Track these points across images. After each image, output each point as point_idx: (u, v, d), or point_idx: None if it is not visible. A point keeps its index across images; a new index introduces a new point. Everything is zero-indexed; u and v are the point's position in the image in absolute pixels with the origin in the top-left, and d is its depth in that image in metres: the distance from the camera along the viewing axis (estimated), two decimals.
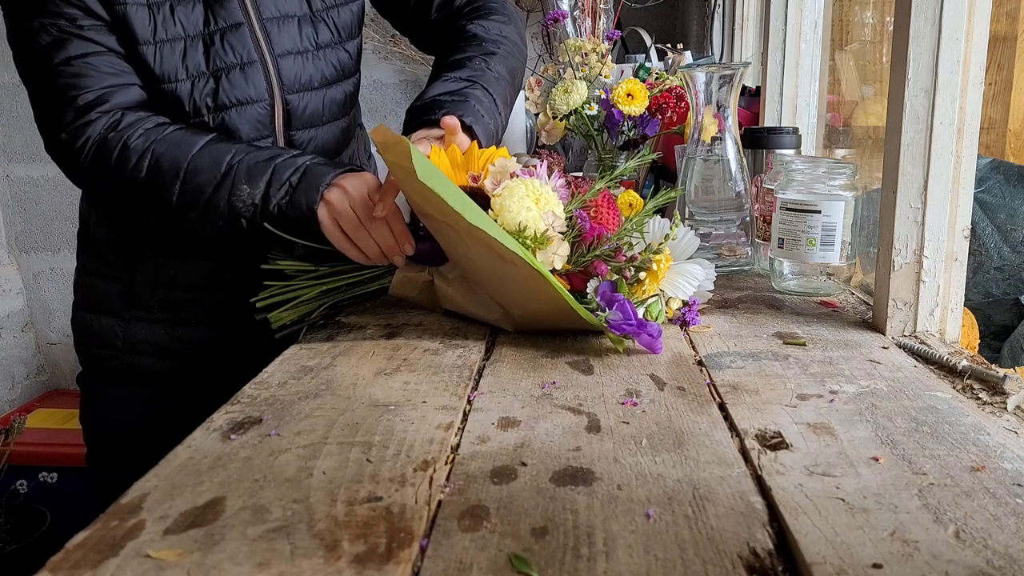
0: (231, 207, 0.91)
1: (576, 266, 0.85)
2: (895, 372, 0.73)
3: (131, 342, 1.04)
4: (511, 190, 0.82)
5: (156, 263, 1.02)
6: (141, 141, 0.91)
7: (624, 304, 0.78)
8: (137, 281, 1.02)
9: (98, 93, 0.90)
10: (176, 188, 0.90)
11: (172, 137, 0.91)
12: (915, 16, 0.78)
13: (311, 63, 1.04)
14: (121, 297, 1.03)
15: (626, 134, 1.50)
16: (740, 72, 1.14)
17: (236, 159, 0.91)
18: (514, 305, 0.84)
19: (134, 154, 0.90)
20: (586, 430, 0.61)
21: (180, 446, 0.59)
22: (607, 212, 0.89)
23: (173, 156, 0.90)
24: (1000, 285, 1.24)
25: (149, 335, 1.04)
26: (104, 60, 0.91)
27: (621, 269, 0.83)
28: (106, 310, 1.04)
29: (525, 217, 0.81)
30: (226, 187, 0.90)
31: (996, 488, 0.51)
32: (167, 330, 1.04)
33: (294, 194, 0.90)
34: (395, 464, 0.55)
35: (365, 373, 0.75)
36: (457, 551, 0.45)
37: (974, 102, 0.80)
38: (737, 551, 0.44)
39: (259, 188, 0.90)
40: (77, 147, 0.90)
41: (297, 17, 1.02)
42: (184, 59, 0.94)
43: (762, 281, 1.11)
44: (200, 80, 0.95)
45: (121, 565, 0.43)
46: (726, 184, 1.15)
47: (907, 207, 0.82)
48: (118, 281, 1.03)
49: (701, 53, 2.15)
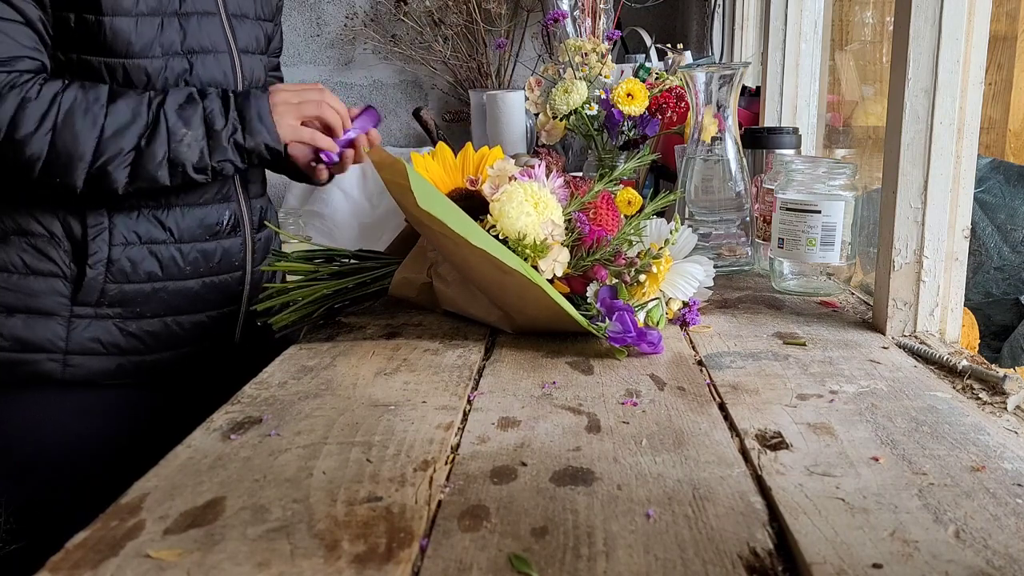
0: (175, 153, 0.89)
1: (576, 270, 0.85)
2: (895, 372, 0.73)
3: (78, 342, 0.95)
4: (510, 195, 0.82)
5: (109, 255, 0.94)
6: (44, 95, 0.85)
7: (624, 315, 0.78)
8: (87, 275, 0.93)
9: (4, 58, 0.85)
10: (91, 142, 0.86)
11: (75, 91, 0.86)
12: (915, 16, 0.78)
13: (259, 63, 1.07)
14: (62, 294, 0.94)
15: (626, 134, 1.50)
16: (740, 72, 1.14)
17: (155, 105, 0.89)
18: (514, 310, 0.84)
19: (36, 108, 0.84)
20: (586, 430, 0.61)
21: (180, 446, 0.59)
22: (607, 213, 0.89)
23: (84, 109, 0.86)
24: (1000, 285, 1.24)
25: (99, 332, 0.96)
26: (19, 29, 0.87)
27: (621, 273, 0.83)
28: (38, 310, 0.93)
29: (524, 224, 0.80)
30: (160, 135, 0.88)
31: (996, 488, 0.51)
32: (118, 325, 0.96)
33: (246, 125, 0.92)
34: (395, 464, 0.55)
35: (365, 373, 0.75)
36: (457, 551, 0.45)
37: (974, 102, 0.80)
38: (737, 551, 0.44)
39: (199, 129, 0.90)
40: None
41: (250, 18, 1.05)
42: (160, 35, 0.92)
43: (762, 281, 1.11)
44: (173, 59, 0.94)
45: (121, 565, 0.43)
46: (726, 184, 1.15)
47: (907, 207, 0.82)
48: (58, 277, 0.94)
49: (701, 53, 2.15)
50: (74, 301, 0.94)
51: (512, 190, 0.82)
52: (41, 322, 0.93)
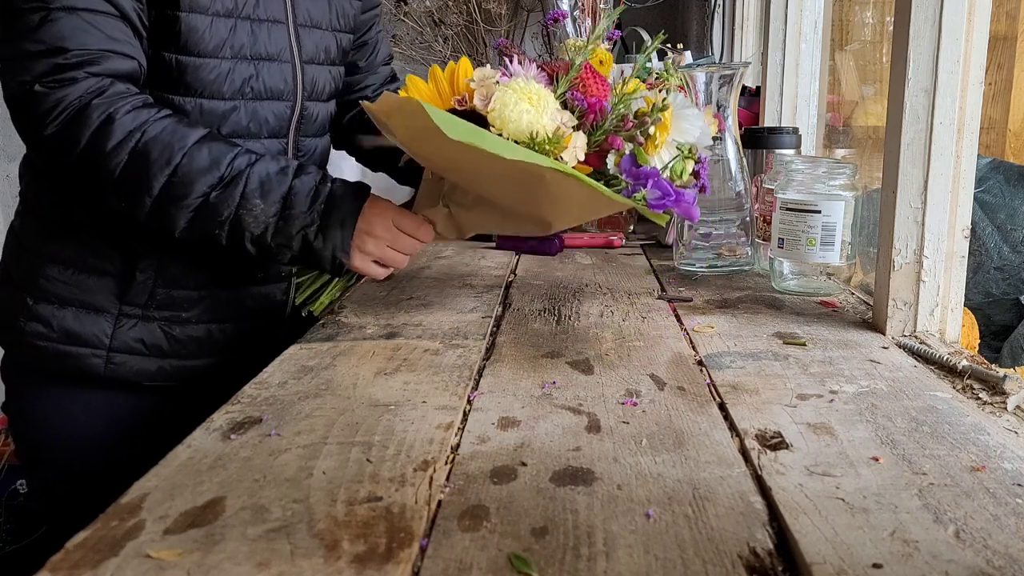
0: (237, 218, 0.85)
1: (589, 148, 0.83)
2: (895, 372, 0.73)
3: (122, 340, 0.95)
4: (503, 101, 0.80)
5: (160, 261, 0.95)
6: (130, 118, 0.83)
7: (658, 180, 0.77)
8: (137, 278, 0.94)
9: (92, 54, 0.82)
10: (162, 179, 0.83)
11: (165, 123, 0.84)
12: (915, 16, 0.78)
13: (326, 73, 1.05)
14: (112, 293, 0.94)
15: None
16: (740, 72, 1.14)
17: (239, 163, 0.86)
18: (549, 212, 0.84)
19: (119, 130, 0.82)
20: (586, 430, 0.61)
21: (180, 446, 0.59)
22: (594, 84, 0.87)
23: (166, 143, 0.83)
24: (1000, 285, 1.24)
25: (143, 334, 0.96)
26: (111, 23, 0.83)
27: (633, 136, 0.82)
28: (89, 305, 0.94)
29: (529, 122, 0.79)
30: (232, 195, 0.85)
31: (996, 488, 0.51)
32: (163, 329, 0.98)
33: (324, 227, 0.88)
34: (395, 464, 0.55)
35: (365, 373, 0.75)
36: (457, 551, 0.45)
37: (974, 102, 0.80)
38: (737, 551, 0.44)
39: (274, 206, 0.86)
40: (49, 104, 0.81)
41: (322, 28, 1.03)
42: (232, 37, 0.91)
43: (762, 281, 1.11)
44: (241, 63, 0.93)
45: (121, 565, 0.43)
46: (726, 184, 1.15)
47: (907, 207, 0.82)
48: (110, 276, 0.94)
49: (701, 53, 2.15)
50: (123, 301, 0.95)
51: (502, 95, 0.80)
52: (90, 318, 0.94)
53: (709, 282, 1.11)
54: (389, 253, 0.92)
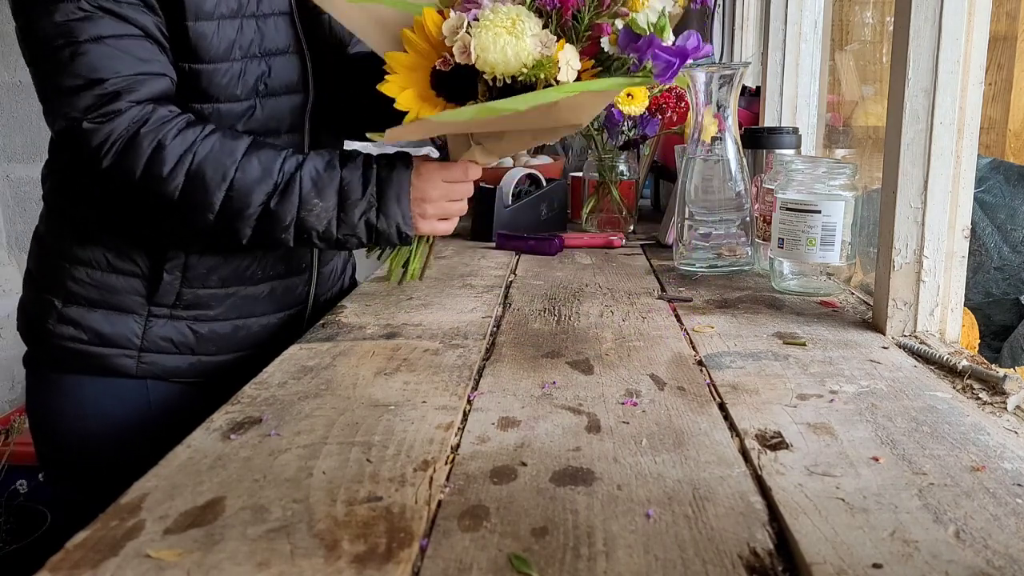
0: (300, 220, 0.88)
1: (583, 43, 0.84)
2: (895, 372, 0.73)
3: (152, 340, 0.97)
4: (482, 45, 0.80)
5: (186, 261, 0.95)
6: (179, 141, 0.85)
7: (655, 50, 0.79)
8: (164, 279, 0.95)
9: (128, 80, 0.83)
10: (220, 195, 0.86)
11: (213, 140, 0.86)
12: (915, 16, 0.78)
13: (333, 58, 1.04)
14: (140, 293, 0.95)
15: (626, 134, 1.50)
16: (740, 72, 1.14)
17: (289, 167, 0.88)
18: (572, 120, 0.89)
19: (170, 156, 0.84)
20: (586, 430, 0.61)
21: (180, 446, 0.59)
22: None
23: (217, 161, 0.85)
24: (1000, 285, 1.25)
25: (172, 332, 0.98)
26: (138, 44, 0.84)
27: (616, 13, 0.82)
28: (117, 306, 0.95)
29: (516, 53, 0.79)
30: (291, 200, 0.87)
31: (996, 488, 0.51)
32: (191, 327, 0.99)
33: (382, 207, 0.90)
34: (395, 464, 0.55)
35: (365, 373, 0.75)
36: (457, 551, 0.45)
37: (974, 102, 0.80)
38: (737, 551, 0.44)
39: (331, 201, 0.89)
40: (100, 138, 0.83)
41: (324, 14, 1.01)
42: (239, 37, 0.91)
43: (762, 281, 1.11)
44: (251, 62, 0.92)
45: (121, 565, 0.43)
46: (726, 184, 1.15)
47: (907, 207, 0.82)
48: (137, 277, 0.95)
49: None
50: (151, 301, 0.96)
51: (479, 39, 0.80)
52: (120, 318, 0.95)
53: (709, 282, 1.11)
54: (448, 207, 0.96)
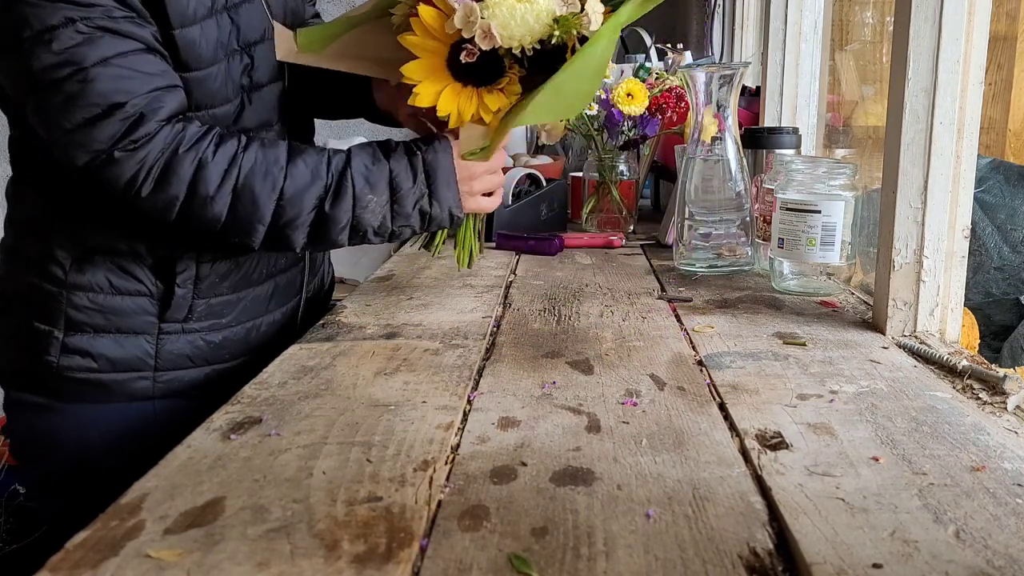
0: (356, 219, 0.86)
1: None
2: (895, 372, 0.73)
3: (167, 357, 0.92)
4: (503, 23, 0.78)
5: (197, 272, 0.91)
6: (221, 156, 0.82)
7: None
8: (177, 293, 0.90)
9: (146, 99, 0.79)
10: (271, 205, 0.83)
11: (254, 150, 0.84)
12: (915, 16, 0.78)
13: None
14: (149, 312, 0.90)
15: (626, 134, 1.50)
16: (740, 72, 1.14)
17: (336, 165, 0.86)
18: None
19: (214, 174, 0.81)
20: (586, 430, 0.61)
21: (180, 446, 0.59)
22: None
23: (265, 171, 0.83)
24: (1000, 285, 1.25)
25: (185, 347, 0.93)
26: (144, 59, 0.80)
27: None
28: (126, 328, 0.90)
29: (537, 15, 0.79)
30: (345, 200, 0.85)
31: (996, 488, 0.51)
32: (204, 338, 0.94)
33: (433, 193, 0.90)
34: (395, 464, 0.55)
35: (365, 373, 0.75)
36: (457, 551, 0.45)
37: (974, 102, 0.80)
38: (737, 551, 0.44)
39: (383, 195, 0.88)
40: (135, 166, 0.79)
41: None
42: (220, 34, 0.87)
43: (762, 281, 1.11)
44: (235, 57, 0.89)
45: (121, 565, 0.43)
46: (726, 184, 1.15)
47: (907, 207, 0.82)
48: (145, 296, 0.90)
49: (701, 53, 2.15)
50: (161, 319, 0.91)
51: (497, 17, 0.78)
52: (130, 340, 0.90)
53: (709, 282, 1.11)
54: (491, 180, 0.96)
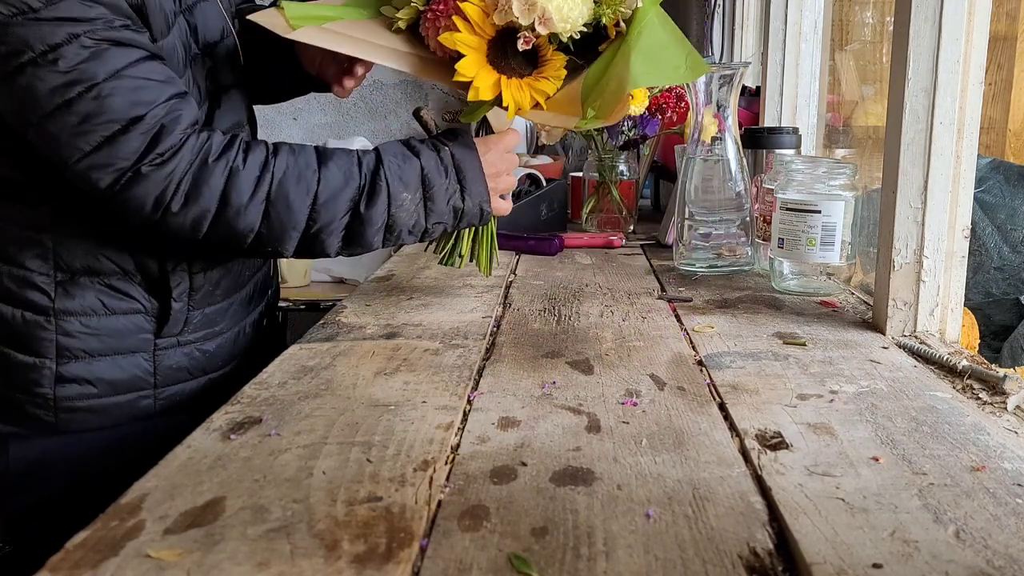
0: (392, 218, 0.85)
1: None
2: (895, 372, 0.73)
3: (165, 372, 0.90)
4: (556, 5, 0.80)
5: (191, 284, 0.89)
6: (252, 163, 0.80)
7: None
8: (173, 308, 0.88)
9: (165, 108, 0.76)
10: (306, 212, 0.81)
11: (284, 154, 0.82)
12: (915, 16, 0.78)
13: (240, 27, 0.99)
14: (144, 330, 0.88)
15: (626, 134, 1.50)
16: (740, 72, 1.14)
17: (368, 164, 0.85)
18: None
19: (246, 182, 0.79)
20: (586, 430, 0.61)
21: (180, 446, 0.59)
22: None
23: (297, 176, 0.81)
24: (1000, 285, 1.25)
25: (182, 359, 0.91)
26: (150, 66, 0.77)
27: None
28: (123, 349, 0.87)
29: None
30: (380, 200, 0.84)
31: (996, 488, 0.51)
32: (199, 348, 0.92)
33: (464, 188, 0.89)
34: (395, 464, 0.55)
35: (365, 373, 0.75)
36: (457, 551, 0.45)
37: (974, 102, 0.80)
38: (737, 551, 0.44)
39: (417, 193, 0.86)
40: (163, 181, 0.76)
41: None
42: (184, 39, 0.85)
43: (762, 281, 1.11)
44: (197, 62, 0.87)
45: (121, 565, 0.43)
46: (726, 184, 1.15)
47: (907, 207, 0.82)
48: (139, 313, 0.87)
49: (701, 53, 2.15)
50: (157, 335, 0.89)
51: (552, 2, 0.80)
52: (129, 360, 0.88)
53: (709, 282, 1.11)
54: (507, 182, 0.97)
